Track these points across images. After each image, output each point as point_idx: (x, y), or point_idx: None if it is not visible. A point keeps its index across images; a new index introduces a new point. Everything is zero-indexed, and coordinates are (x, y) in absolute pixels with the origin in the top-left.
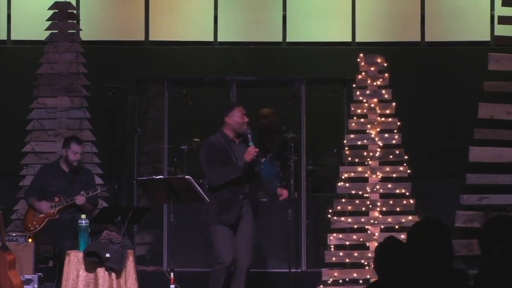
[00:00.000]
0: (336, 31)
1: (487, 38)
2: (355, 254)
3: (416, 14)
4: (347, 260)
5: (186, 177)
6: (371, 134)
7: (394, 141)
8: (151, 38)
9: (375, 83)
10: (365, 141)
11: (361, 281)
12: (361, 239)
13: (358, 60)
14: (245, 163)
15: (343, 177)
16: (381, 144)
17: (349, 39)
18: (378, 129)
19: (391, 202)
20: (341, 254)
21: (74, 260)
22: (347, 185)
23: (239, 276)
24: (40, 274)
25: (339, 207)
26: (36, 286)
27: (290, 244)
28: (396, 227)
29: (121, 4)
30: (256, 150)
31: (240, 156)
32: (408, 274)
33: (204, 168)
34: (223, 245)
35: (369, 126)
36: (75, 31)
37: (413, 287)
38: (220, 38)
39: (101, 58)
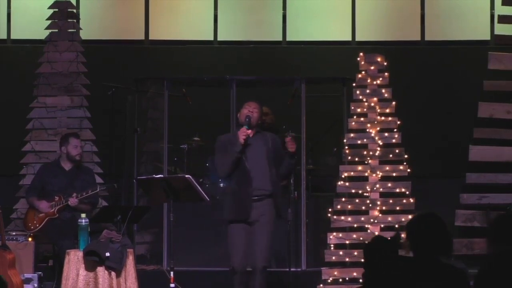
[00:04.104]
0: (336, 30)
1: (487, 37)
2: (355, 253)
3: (416, 13)
4: (347, 259)
5: (186, 176)
6: (371, 133)
7: (394, 140)
8: (151, 38)
9: (375, 82)
10: (365, 140)
11: (361, 280)
12: (361, 238)
13: (358, 59)
14: (238, 145)
15: (343, 176)
16: (381, 143)
17: (349, 38)
18: (378, 128)
19: (391, 201)
20: (341, 253)
21: (74, 259)
22: (347, 184)
23: (254, 277)
24: (40, 273)
25: (339, 206)
26: (36, 285)
27: (290, 243)
28: (396, 226)
29: (121, 4)
30: (245, 131)
31: (248, 150)
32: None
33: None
34: (234, 250)
35: (369, 125)
36: (75, 30)
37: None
38: (220, 38)
39: (101, 57)
